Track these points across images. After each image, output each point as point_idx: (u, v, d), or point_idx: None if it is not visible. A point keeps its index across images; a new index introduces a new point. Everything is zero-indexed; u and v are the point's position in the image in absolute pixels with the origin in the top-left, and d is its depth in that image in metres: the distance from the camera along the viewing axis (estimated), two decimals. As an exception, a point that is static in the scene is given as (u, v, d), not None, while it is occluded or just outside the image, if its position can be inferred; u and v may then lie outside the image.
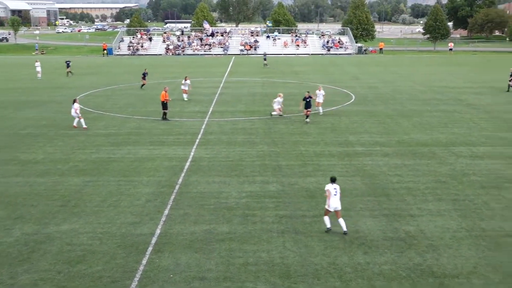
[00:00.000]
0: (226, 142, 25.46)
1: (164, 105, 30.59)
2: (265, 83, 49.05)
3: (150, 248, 14.01)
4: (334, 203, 14.71)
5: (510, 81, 42.43)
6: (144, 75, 45.48)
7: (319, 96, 32.55)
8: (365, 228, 15.26)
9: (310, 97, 29.49)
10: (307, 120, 29.48)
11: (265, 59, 67.26)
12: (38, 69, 53.24)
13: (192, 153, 23.52)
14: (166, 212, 16.58)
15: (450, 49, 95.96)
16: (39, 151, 24.08)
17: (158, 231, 15.09)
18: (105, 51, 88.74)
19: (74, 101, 28.97)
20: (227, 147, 24.50)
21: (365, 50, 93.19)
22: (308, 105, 29.43)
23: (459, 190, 18.54)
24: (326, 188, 14.91)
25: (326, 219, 15.00)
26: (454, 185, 19.12)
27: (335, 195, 14.73)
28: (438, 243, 14.25)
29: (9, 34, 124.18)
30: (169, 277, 12.49)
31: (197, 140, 25.97)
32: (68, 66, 55.58)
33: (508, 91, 42.51)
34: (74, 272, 12.75)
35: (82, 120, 28.64)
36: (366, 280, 12.36)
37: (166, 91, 30.67)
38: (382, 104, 36.57)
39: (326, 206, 14.84)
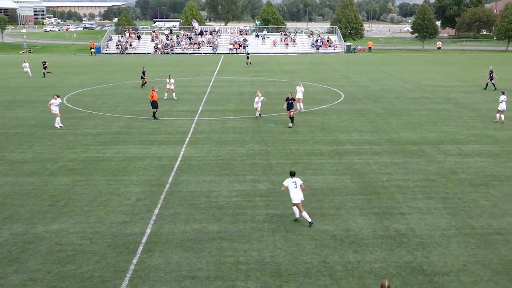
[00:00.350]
0: (216, 141, 25.42)
1: (154, 104, 30.49)
2: (254, 82, 49.03)
3: (140, 248, 13.96)
4: (297, 195, 15.21)
5: (489, 79, 43.22)
6: (144, 74, 45.17)
7: (299, 92, 32.91)
8: (355, 227, 15.32)
9: (293, 98, 28.94)
10: (290, 125, 28.44)
11: (248, 58, 67.54)
12: (26, 69, 52.79)
13: (182, 152, 23.45)
14: (156, 211, 16.52)
15: (438, 48, 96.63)
16: (27, 150, 23.89)
17: (148, 231, 15.03)
18: (92, 50, 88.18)
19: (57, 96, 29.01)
20: (217, 146, 24.47)
21: (354, 49, 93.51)
22: (290, 106, 28.72)
23: (448, 188, 18.67)
24: (285, 184, 15.40)
25: (295, 209, 15.62)
26: (443, 183, 19.25)
27: (295, 188, 15.21)
28: (428, 241, 14.34)
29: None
30: (160, 277, 12.45)
31: (187, 139, 25.89)
32: (44, 67, 53.45)
33: (485, 89, 43.37)
34: (64, 272, 12.67)
35: (58, 117, 28.75)
36: (356, 278, 12.41)
37: (154, 90, 30.61)
38: (372, 103, 36.72)
39: (293, 201, 15.31)
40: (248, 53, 73.64)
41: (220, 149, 23.94)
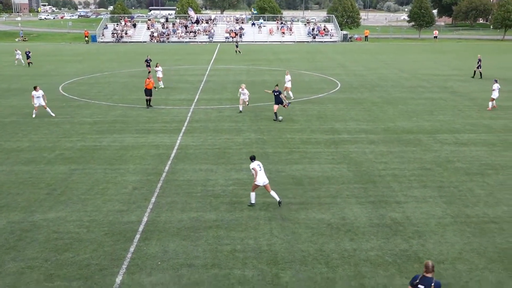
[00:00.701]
0: (212, 130, 25.42)
1: (147, 92, 30.45)
2: (250, 71, 48.93)
3: (137, 236, 14.00)
4: (262, 178, 15.68)
5: (477, 67, 43.49)
6: (148, 62, 44.60)
7: (287, 81, 33.20)
8: (351, 215, 15.39)
9: (279, 91, 27.13)
10: (280, 118, 27.24)
11: (237, 46, 68.02)
12: (18, 57, 52.44)
13: (178, 141, 23.45)
14: (153, 200, 16.55)
15: (435, 37, 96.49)
16: (23, 139, 23.83)
17: (145, 219, 15.07)
18: (87, 38, 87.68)
19: (35, 88, 28.40)
20: (213, 135, 24.46)
21: (350, 38, 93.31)
22: (277, 100, 27.09)
23: (444, 177, 18.75)
24: (252, 167, 15.76)
25: (253, 195, 16.00)
26: (439, 172, 19.33)
27: (260, 170, 15.68)
28: (423, 229, 14.44)
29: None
30: (157, 264, 12.51)
31: (183, 128, 25.88)
32: (28, 57, 52.31)
33: (473, 77, 43.87)
34: (61, 260, 12.71)
35: (35, 111, 28.39)
36: (352, 266, 12.49)
37: (150, 78, 30.57)
38: (368, 92, 36.73)
39: (256, 183, 15.66)
40: (237, 41, 73.85)
41: (216, 138, 23.94)
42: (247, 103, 29.65)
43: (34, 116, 28.11)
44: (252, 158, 16.10)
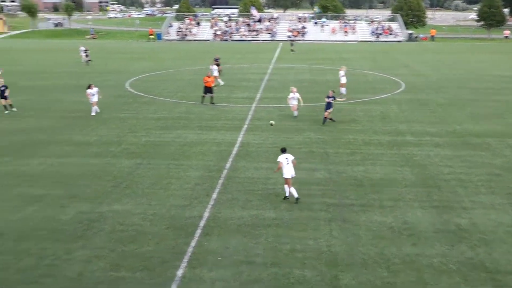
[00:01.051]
0: (273, 128, 25.44)
1: (209, 90, 30.98)
2: (312, 70, 48.69)
3: (199, 231, 14.26)
4: (289, 171, 15.96)
5: None
6: (217, 61, 43.55)
7: (342, 77, 33.32)
8: (414, 220, 15.03)
9: (333, 97, 26.14)
10: (328, 120, 26.26)
11: (292, 45, 68.37)
12: (82, 54, 54.02)
13: (240, 139, 23.68)
14: (214, 196, 16.81)
15: (506, 37, 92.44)
16: (92, 133, 24.79)
17: (206, 215, 15.33)
18: (151, 36, 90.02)
19: (89, 86, 28.77)
20: (274, 133, 24.53)
21: (415, 37, 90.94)
22: (329, 105, 26.06)
23: (513, 184, 17.96)
24: (279, 160, 16.11)
25: (287, 187, 16.22)
26: (510, 178, 18.52)
27: (287, 164, 15.95)
28: (491, 238, 13.89)
29: (64, 19, 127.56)
30: (218, 260, 12.69)
31: (245, 126, 26.11)
32: (86, 55, 53.40)
33: None
34: (126, 251, 13.14)
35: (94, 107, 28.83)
36: (415, 271, 12.20)
37: (209, 76, 31.41)
38: (433, 93, 35.69)
39: (284, 176, 16.03)
40: (293, 41, 74.12)
41: (277, 137, 24.00)
42: (298, 105, 27.98)
43: (94, 113, 28.63)
44: (283, 151, 16.36)
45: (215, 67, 38.64)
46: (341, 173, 19.04)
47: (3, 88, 29.03)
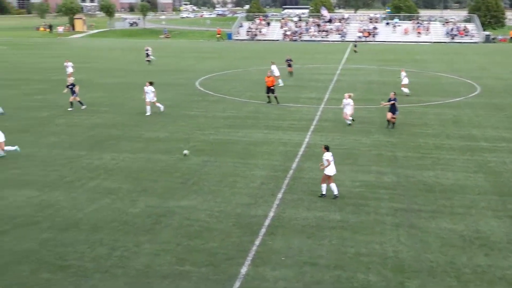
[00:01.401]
0: (340, 130, 25.20)
1: (270, 89, 31.21)
2: (382, 71, 47.72)
3: (263, 230, 14.33)
4: (333, 169, 16.29)
5: None
6: (289, 61, 43.67)
7: (404, 78, 34.33)
8: (487, 229, 14.38)
9: (395, 99, 25.29)
10: (390, 126, 25.45)
11: (355, 46, 68.24)
12: (148, 52, 54.46)
13: (306, 139, 23.59)
14: (279, 196, 16.83)
15: None
16: (161, 130, 25.49)
17: (271, 214, 15.38)
18: (219, 36, 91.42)
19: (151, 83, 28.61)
20: (341, 135, 24.25)
21: (493, 39, 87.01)
22: (393, 108, 25.31)
23: None
24: (326, 158, 16.19)
25: (324, 186, 16.50)
26: None
27: (332, 161, 16.29)
28: None
29: (139, 19, 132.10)
30: (281, 260, 12.70)
31: (312, 127, 25.98)
32: (147, 54, 53.97)
33: None
34: (192, 246, 13.41)
35: (148, 107, 28.66)
36: (486, 283, 11.67)
37: (269, 76, 31.66)
38: (510, 97, 34.01)
39: (327, 173, 16.25)
40: (356, 41, 74.69)
41: (344, 138, 23.70)
42: (350, 114, 26.19)
43: (148, 113, 28.45)
44: (327, 148, 16.51)
45: (275, 67, 38.34)
46: (410, 177, 18.54)
47: (71, 87, 30.02)
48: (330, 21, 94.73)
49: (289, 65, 43.59)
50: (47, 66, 51.31)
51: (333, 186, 16.42)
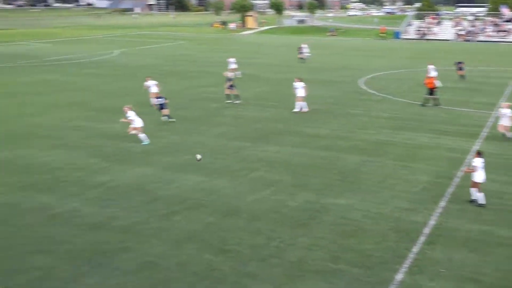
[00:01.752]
0: (516, 139, 23.05)
1: (430, 91, 29.88)
2: None
3: (422, 238, 13.72)
4: (482, 175, 15.60)
5: None
6: (459, 65, 41.23)
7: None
8: None
9: None
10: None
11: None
12: (304, 50, 54.47)
13: (474, 146, 22.00)
14: (442, 204, 15.96)
15: None
16: (323, 126, 25.66)
17: (432, 222, 14.65)
18: (383, 34, 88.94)
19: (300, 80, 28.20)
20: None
21: None
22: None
23: None
24: (475, 164, 15.56)
25: (474, 191, 15.74)
26: None
27: (482, 168, 15.63)
28: None
29: (307, 17, 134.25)
30: (440, 272, 12.05)
31: (482, 134, 24.15)
32: (300, 52, 53.56)
33: None
34: (345, 245, 13.34)
35: (298, 103, 28.33)
36: None
37: (428, 77, 30.61)
38: None
39: (476, 180, 15.57)
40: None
41: (520, 149, 21.65)
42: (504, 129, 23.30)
43: (297, 110, 28.54)
44: (480, 154, 15.97)
45: (432, 66, 35.93)
46: None
47: (231, 83, 31.24)
48: (510, 20, 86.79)
49: (460, 68, 40.92)
50: (218, 60, 54.57)
51: (481, 195, 15.71)
